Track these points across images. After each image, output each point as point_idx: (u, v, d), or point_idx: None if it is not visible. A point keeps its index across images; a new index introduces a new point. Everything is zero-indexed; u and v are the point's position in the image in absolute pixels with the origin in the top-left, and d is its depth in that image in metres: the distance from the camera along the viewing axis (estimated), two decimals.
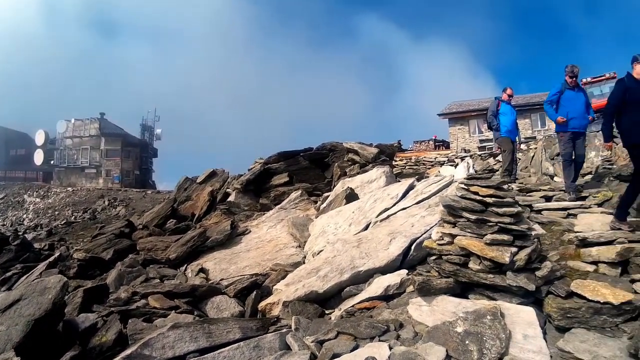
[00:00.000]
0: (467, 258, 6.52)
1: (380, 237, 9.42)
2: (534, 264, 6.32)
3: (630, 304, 5.56)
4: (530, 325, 5.54)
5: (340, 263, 8.80)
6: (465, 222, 6.70)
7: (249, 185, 22.00)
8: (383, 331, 6.17)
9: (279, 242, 13.10)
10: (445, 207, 7.07)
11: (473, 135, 52.39)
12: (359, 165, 20.96)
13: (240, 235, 14.45)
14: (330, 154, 22.99)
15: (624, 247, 6.90)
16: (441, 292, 6.55)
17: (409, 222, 9.92)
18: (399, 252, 8.53)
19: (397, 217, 10.77)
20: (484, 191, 6.67)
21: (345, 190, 14.99)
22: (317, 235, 12.17)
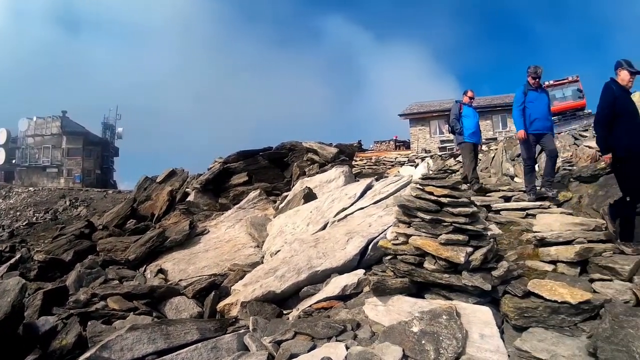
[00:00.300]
0: (422, 258, 6.50)
1: (337, 236, 9.44)
2: (490, 264, 6.32)
3: (589, 303, 5.59)
4: (486, 325, 5.55)
5: (297, 263, 8.78)
6: (420, 222, 6.68)
7: (208, 184, 21.98)
8: (340, 331, 6.17)
9: (238, 242, 13.08)
10: (400, 207, 7.05)
11: (434, 135, 52.65)
12: (318, 165, 21.02)
13: (199, 235, 14.40)
14: (290, 154, 22.98)
15: (583, 247, 6.99)
16: (396, 292, 6.51)
17: (366, 222, 9.95)
18: (356, 251, 8.55)
19: (354, 217, 10.81)
20: (439, 191, 6.65)
21: (303, 189, 15.01)
22: (275, 235, 12.18)
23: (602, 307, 5.58)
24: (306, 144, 22.54)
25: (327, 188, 15.55)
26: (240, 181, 21.98)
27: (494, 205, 10.31)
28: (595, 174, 10.22)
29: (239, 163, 22.84)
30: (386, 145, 56.11)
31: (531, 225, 8.52)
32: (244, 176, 22.19)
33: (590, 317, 5.62)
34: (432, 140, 51.96)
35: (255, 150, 23.57)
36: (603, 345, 4.86)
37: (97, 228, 17.70)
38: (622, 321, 5.04)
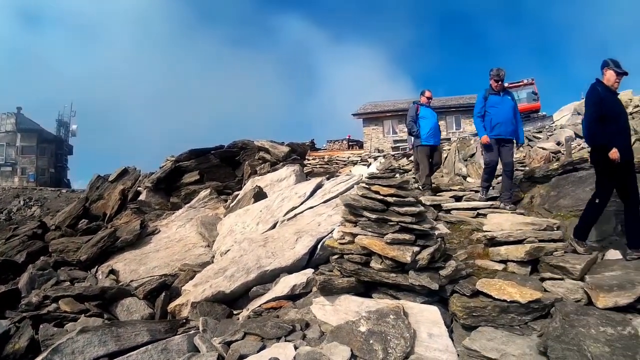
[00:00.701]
0: (368, 257, 6.45)
1: (286, 236, 9.40)
2: (437, 263, 6.30)
3: (539, 302, 5.62)
4: (434, 324, 5.55)
5: (246, 262, 8.73)
6: (366, 221, 6.62)
7: (160, 183, 21.87)
8: (289, 331, 6.13)
9: (188, 242, 13.01)
10: (347, 206, 6.99)
11: (387, 135, 53.26)
12: (270, 163, 20.95)
13: (150, 235, 14.29)
14: (242, 152, 22.93)
15: (534, 246, 7.05)
16: (343, 291, 6.48)
17: (315, 221, 9.95)
18: (305, 251, 8.54)
19: (304, 216, 10.78)
20: (385, 190, 6.60)
21: (253, 188, 14.89)
22: (225, 234, 12.09)
23: (553, 306, 5.62)
24: (258, 143, 22.37)
25: (278, 187, 15.48)
26: (192, 180, 21.89)
27: (444, 205, 10.34)
28: (547, 174, 10.31)
29: (191, 162, 22.72)
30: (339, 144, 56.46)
31: (482, 224, 8.54)
32: (196, 175, 22.12)
33: (541, 316, 5.67)
34: (385, 140, 52.52)
35: (207, 148, 23.45)
36: (553, 344, 4.89)
37: (49, 228, 17.42)
38: (573, 320, 5.09)
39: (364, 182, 7.07)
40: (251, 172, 20.18)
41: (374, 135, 53.31)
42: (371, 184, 6.82)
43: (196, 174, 22.06)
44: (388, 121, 53.56)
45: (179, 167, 22.43)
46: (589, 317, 5.14)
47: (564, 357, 4.74)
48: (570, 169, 10.03)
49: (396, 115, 51.80)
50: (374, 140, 52.68)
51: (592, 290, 5.74)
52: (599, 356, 4.61)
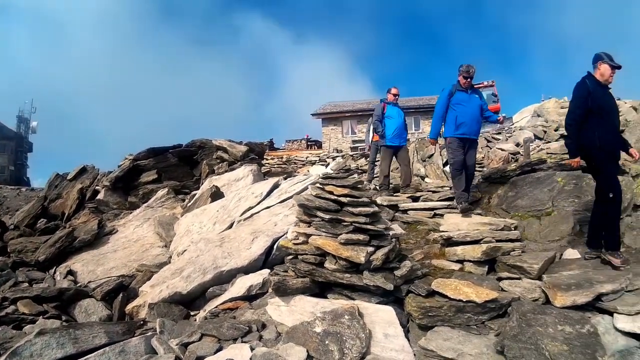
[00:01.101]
0: (323, 258, 6.45)
1: (243, 236, 9.36)
2: (392, 264, 6.29)
3: (496, 301, 5.65)
4: (390, 325, 5.55)
5: (203, 263, 8.66)
6: (320, 221, 6.59)
7: (118, 182, 21.41)
8: (245, 332, 6.10)
9: (146, 242, 12.89)
10: (300, 206, 6.99)
11: (346, 135, 53.70)
12: (228, 163, 20.64)
13: (108, 234, 14.10)
14: (200, 151, 22.45)
15: (490, 246, 7.13)
16: (298, 292, 6.47)
17: (272, 221, 9.92)
18: (261, 251, 8.48)
19: (260, 216, 10.74)
20: (339, 190, 6.56)
21: (210, 188, 14.78)
22: (182, 234, 12.03)
23: (510, 306, 5.68)
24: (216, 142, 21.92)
25: (235, 187, 15.41)
26: (150, 179, 21.55)
27: (401, 205, 10.35)
28: (505, 175, 10.38)
29: (149, 160, 22.28)
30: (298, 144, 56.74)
31: (439, 224, 8.65)
32: (154, 174, 21.75)
33: (499, 315, 5.71)
34: (344, 140, 52.98)
35: (165, 147, 22.92)
36: (510, 344, 4.94)
37: (8, 228, 17.21)
38: (530, 319, 5.17)
39: (318, 182, 7.05)
40: (209, 171, 19.71)
41: (333, 135, 53.76)
42: (325, 184, 6.81)
43: (154, 173, 21.74)
44: (347, 121, 54.08)
45: (137, 165, 22.03)
46: (547, 316, 5.22)
47: (521, 356, 4.80)
48: (528, 169, 10.16)
49: (355, 115, 52.51)
50: (333, 140, 53.10)
51: (549, 289, 5.84)
52: (557, 355, 4.69)
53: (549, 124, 23.82)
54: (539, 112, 27.99)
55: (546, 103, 31.26)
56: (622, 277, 5.91)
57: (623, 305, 5.34)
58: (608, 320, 5.30)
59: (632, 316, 5.18)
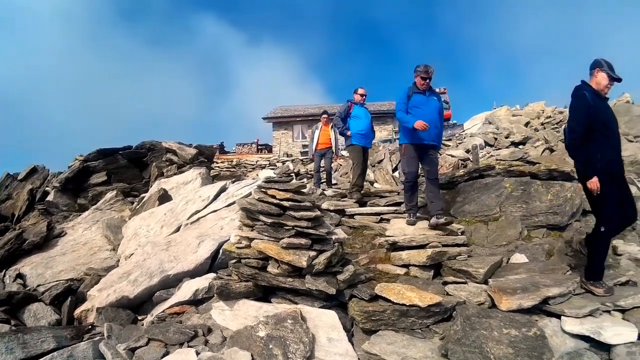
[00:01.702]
0: (265, 262, 6.42)
1: (189, 239, 9.28)
2: (335, 268, 6.28)
3: (440, 305, 5.64)
4: (333, 329, 5.55)
5: (150, 267, 8.58)
6: (262, 225, 6.54)
7: (68, 183, 21.00)
8: (191, 337, 6.07)
9: (94, 245, 12.73)
10: (243, 210, 6.90)
11: (296, 140, 53.69)
12: (177, 166, 20.53)
13: (57, 237, 13.84)
14: (149, 154, 22.30)
15: (436, 250, 7.13)
16: (241, 296, 6.45)
17: (218, 225, 9.91)
18: (208, 255, 8.45)
19: (207, 220, 10.73)
20: (281, 194, 6.52)
21: (158, 191, 14.72)
22: (130, 237, 11.91)
23: (455, 310, 5.72)
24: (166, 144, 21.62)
25: (184, 190, 15.33)
26: (99, 181, 21.27)
27: (348, 210, 10.28)
28: (453, 181, 10.43)
29: (99, 162, 21.89)
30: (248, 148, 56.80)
31: (385, 229, 8.59)
32: (103, 175, 21.50)
33: (443, 319, 5.73)
34: (294, 144, 52.95)
35: (115, 148, 22.56)
36: (454, 347, 4.95)
37: None
38: (474, 323, 5.18)
39: (260, 186, 6.98)
40: (158, 174, 19.56)
41: (283, 139, 53.73)
42: (268, 188, 6.76)
43: (104, 174, 21.49)
44: (298, 126, 54.10)
45: (88, 167, 21.75)
46: (492, 319, 5.25)
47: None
48: (476, 175, 10.22)
49: (306, 120, 52.37)
50: (283, 144, 53.09)
51: (495, 293, 5.87)
52: (502, 358, 4.73)
53: (499, 131, 24.20)
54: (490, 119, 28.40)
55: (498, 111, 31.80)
56: (569, 280, 6.04)
57: (571, 308, 5.45)
58: (556, 323, 5.40)
59: (580, 319, 5.30)
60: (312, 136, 16.30)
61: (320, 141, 15.73)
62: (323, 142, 15.72)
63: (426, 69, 8.85)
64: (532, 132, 24.89)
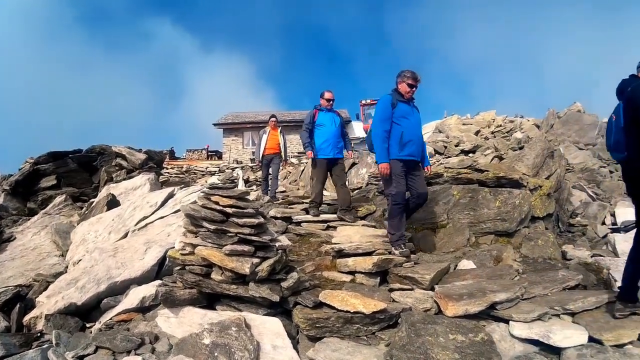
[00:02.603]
0: (209, 269, 6.39)
1: (136, 246, 9.23)
2: (279, 275, 6.28)
3: (385, 312, 5.64)
4: (277, 336, 5.53)
5: (97, 273, 8.47)
6: (205, 232, 6.51)
7: (18, 186, 20.47)
8: (138, 344, 5.97)
9: (43, 251, 12.44)
10: (187, 216, 6.87)
11: (247, 146, 53.88)
12: (126, 170, 20.34)
13: (6, 242, 13.56)
14: (99, 158, 21.84)
15: (381, 257, 7.18)
16: (186, 303, 6.41)
17: (165, 232, 9.89)
18: (154, 262, 8.40)
19: (154, 226, 10.67)
20: (225, 201, 6.49)
21: (107, 196, 14.46)
22: (78, 243, 11.72)
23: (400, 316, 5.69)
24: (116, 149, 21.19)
25: (132, 195, 15.16)
26: (49, 184, 20.86)
27: (295, 217, 10.24)
28: None
29: (49, 165, 21.37)
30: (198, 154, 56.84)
31: (331, 237, 8.59)
32: (53, 179, 21.03)
33: (389, 325, 5.72)
34: (244, 151, 53.33)
35: (65, 151, 22.00)
36: (398, 354, 4.92)
37: None
38: (420, 329, 5.16)
39: (204, 193, 6.95)
40: (107, 178, 19.14)
41: (234, 146, 54.02)
42: (211, 195, 6.72)
43: (53, 178, 21.02)
44: (248, 132, 54.24)
45: (38, 170, 20.98)
46: (438, 325, 5.25)
47: None
48: None
49: (256, 127, 52.08)
50: (234, 151, 53.36)
51: (441, 299, 5.91)
52: None
53: (449, 140, 24.41)
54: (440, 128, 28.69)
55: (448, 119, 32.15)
56: (517, 286, 6.10)
57: (519, 312, 5.50)
58: (504, 328, 5.45)
59: (528, 323, 5.34)
60: (259, 141, 15.77)
61: (268, 146, 15.27)
62: (271, 147, 15.29)
63: (415, 75, 8.10)
64: (482, 141, 25.26)
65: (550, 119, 24.49)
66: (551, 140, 20.97)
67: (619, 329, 5.22)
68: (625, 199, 13.06)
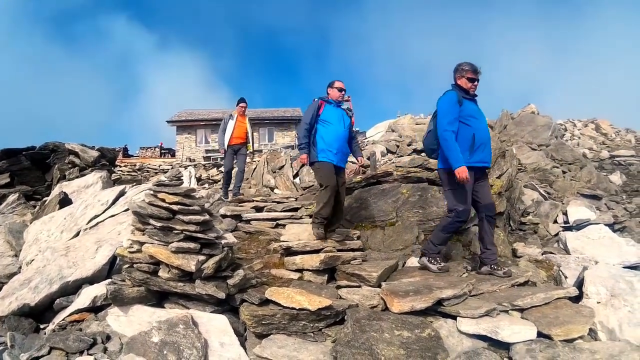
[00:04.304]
0: (157, 266, 6.35)
1: (87, 245, 9.10)
2: (225, 272, 6.32)
3: (331, 309, 5.67)
4: (224, 333, 5.57)
5: (49, 273, 8.34)
6: (152, 229, 6.46)
7: None
8: (91, 344, 5.95)
9: None
10: (134, 213, 6.79)
11: (200, 144, 53.98)
12: (79, 168, 20.05)
13: None
14: (53, 155, 21.34)
15: (329, 255, 7.21)
16: (134, 301, 6.40)
17: (116, 230, 9.79)
18: (105, 260, 8.33)
19: (105, 225, 10.53)
20: (171, 198, 6.46)
21: (59, 194, 14.21)
22: (31, 243, 11.52)
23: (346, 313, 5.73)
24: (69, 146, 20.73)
25: (85, 194, 14.91)
26: (2, 182, 20.15)
27: (244, 215, 10.20)
28: (350, 187, 10.32)
29: (2, 162, 20.68)
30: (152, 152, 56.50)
31: (280, 235, 8.59)
32: (6, 177, 20.40)
33: (336, 322, 5.77)
34: (197, 149, 53.37)
35: (18, 149, 21.45)
36: (343, 350, 4.98)
37: None
38: (364, 325, 5.23)
39: (151, 190, 6.88)
40: (60, 176, 18.86)
41: (187, 144, 53.92)
42: (158, 192, 6.68)
43: (7, 176, 20.38)
44: (201, 130, 54.40)
45: None
46: (383, 321, 5.33)
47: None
48: (373, 182, 10.23)
49: (209, 124, 52.79)
50: (187, 149, 53.27)
51: (387, 296, 5.96)
52: (393, 358, 4.78)
53: (402, 139, 24.53)
54: (393, 127, 28.68)
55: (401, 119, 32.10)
56: (464, 282, 6.18)
57: (466, 309, 5.57)
58: (452, 324, 5.54)
59: (476, 319, 5.42)
60: (223, 127, 13.74)
61: (234, 135, 13.55)
62: (238, 135, 13.63)
63: (474, 67, 6.99)
64: None
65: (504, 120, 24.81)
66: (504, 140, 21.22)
67: (568, 324, 5.35)
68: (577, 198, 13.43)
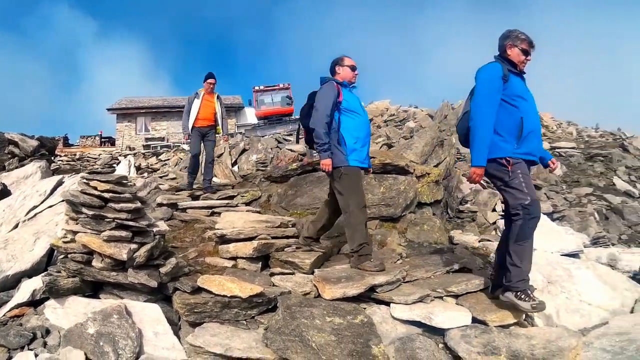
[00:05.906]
0: (90, 256, 6.29)
1: (26, 237, 8.93)
2: (157, 261, 6.31)
3: (263, 296, 5.71)
4: (158, 323, 5.62)
5: None
6: (85, 218, 6.37)
7: None
8: (31, 339, 5.92)
9: None
10: (68, 202, 6.71)
11: (139, 133, 52.99)
12: (19, 158, 18.89)
13: None
14: None
15: (262, 242, 7.22)
16: (70, 292, 6.35)
17: (54, 221, 9.55)
18: (43, 252, 8.20)
19: (43, 216, 10.30)
20: (102, 186, 6.37)
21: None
22: None
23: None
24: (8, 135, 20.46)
25: (24, 184, 14.39)
26: None
27: (180, 204, 10.25)
28: (286, 174, 10.57)
29: None
30: (91, 140, 55.39)
31: (215, 223, 8.52)
32: None
33: (269, 309, 5.80)
34: (137, 137, 52.26)
35: None
36: (273, 336, 5.08)
37: None
38: (295, 312, 5.29)
39: (83, 177, 6.75)
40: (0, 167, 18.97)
41: (127, 132, 52.83)
42: (90, 179, 6.56)
43: None
44: (141, 118, 53.45)
45: None
46: (314, 308, 5.39)
47: (285, 348, 4.93)
48: (309, 169, 10.36)
49: (150, 112, 52.36)
50: (126, 137, 52.23)
51: (319, 282, 6.03)
52: (325, 345, 4.82)
53: None
54: None
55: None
56: (397, 269, 6.31)
57: (399, 295, 5.65)
58: (385, 311, 5.61)
59: (409, 305, 5.50)
60: (187, 108, 11.90)
61: (201, 116, 11.69)
62: (205, 117, 11.74)
63: (530, 39, 5.47)
64: (374, 129, 25.83)
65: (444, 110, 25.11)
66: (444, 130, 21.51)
67: (503, 310, 5.44)
68: None
